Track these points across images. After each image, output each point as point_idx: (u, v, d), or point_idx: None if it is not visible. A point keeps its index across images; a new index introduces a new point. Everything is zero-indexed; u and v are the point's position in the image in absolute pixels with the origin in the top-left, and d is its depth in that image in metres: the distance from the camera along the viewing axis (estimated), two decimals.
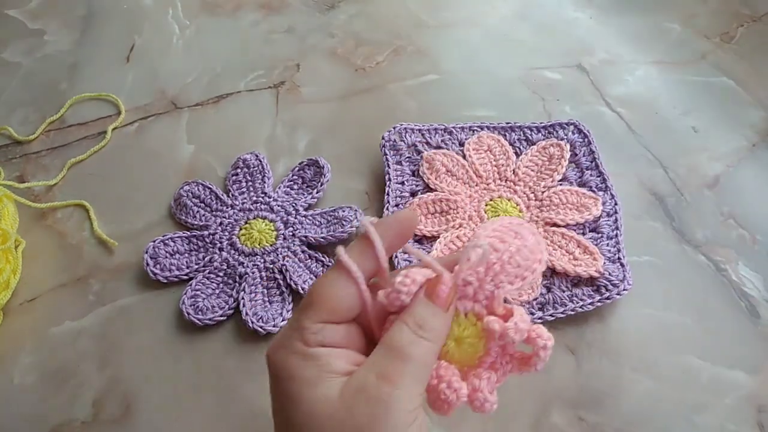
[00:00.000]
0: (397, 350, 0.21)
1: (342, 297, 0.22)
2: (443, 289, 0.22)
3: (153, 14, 0.65)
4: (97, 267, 0.44)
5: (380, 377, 0.21)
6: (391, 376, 0.21)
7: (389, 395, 0.20)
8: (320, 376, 0.21)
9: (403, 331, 0.22)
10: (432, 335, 0.22)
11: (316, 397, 0.21)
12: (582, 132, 0.50)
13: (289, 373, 0.21)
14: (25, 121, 0.54)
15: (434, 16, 0.65)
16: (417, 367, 0.21)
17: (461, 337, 0.23)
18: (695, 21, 0.64)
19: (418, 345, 0.21)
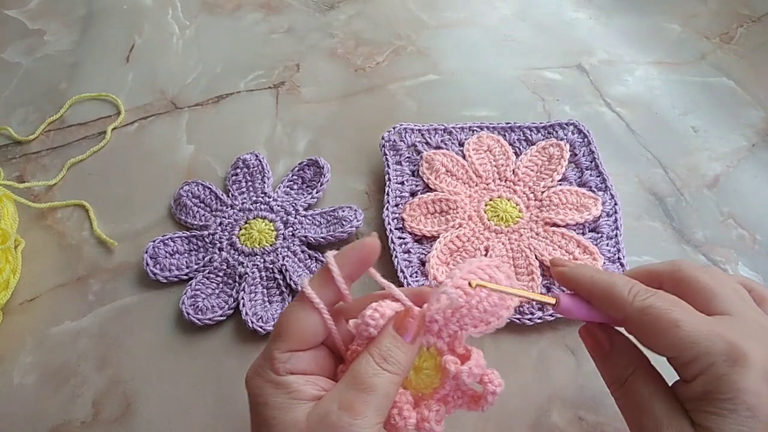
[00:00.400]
0: (361, 381, 0.23)
1: (306, 327, 0.24)
2: (411, 324, 0.24)
3: (153, 14, 0.65)
4: (96, 267, 0.44)
5: (343, 407, 0.22)
6: (353, 407, 0.22)
7: (350, 425, 0.21)
8: (290, 402, 0.23)
9: (368, 363, 0.23)
10: (396, 368, 0.23)
11: (286, 421, 0.22)
12: (582, 132, 0.50)
13: (263, 399, 0.23)
14: (25, 121, 0.54)
15: (434, 16, 0.65)
16: (379, 399, 0.22)
17: (420, 367, 0.25)
18: (695, 21, 0.64)
19: (382, 377, 0.23)
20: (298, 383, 0.23)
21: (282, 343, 0.24)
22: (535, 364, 0.38)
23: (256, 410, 0.24)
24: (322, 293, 0.25)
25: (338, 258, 0.25)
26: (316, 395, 0.23)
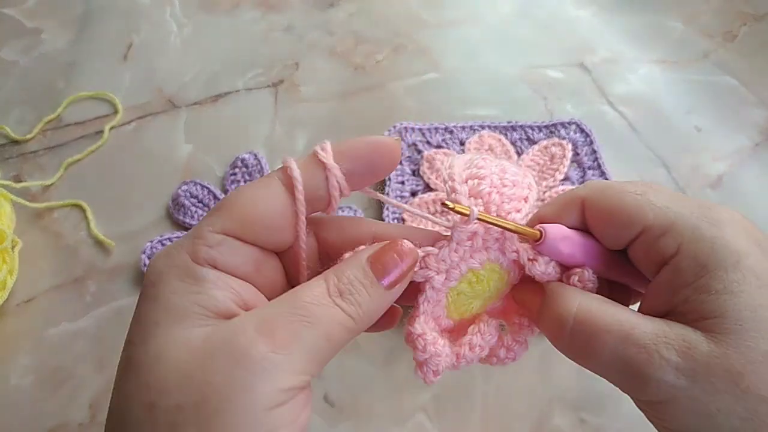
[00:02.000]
0: (300, 306, 0.16)
1: (263, 206, 0.17)
2: (393, 260, 0.17)
3: (151, 12, 0.65)
4: (94, 268, 0.44)
5: (261, 331, 0.15)
6: (276, 334, 0.15)
7: (263, 358, 0.15)
8: (190, 309, 0.16)
9: (318, 288, 0.17)
10: (352, 310, 0.17)
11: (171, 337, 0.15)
12: (584, 131, 0.49)
13: (155, 292, 0.16)
14: (22, 120, 0.54)
15: (435, 14, 0.65)
16: (315, 338, 0.16)
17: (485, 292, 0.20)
18: (698, 20, 0.64)
19: (328, 310, 0.16)
20: (214, 284, 0.16)
21: (218, 219, 0.17)
22: (537, 366, 0.38)
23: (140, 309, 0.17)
24: (308, 181, 0.17)
25: (338, 147, 0.18)
26: (232, 312, 0.16)
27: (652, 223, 0.18)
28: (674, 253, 0.18)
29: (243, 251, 0.17)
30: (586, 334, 0.17)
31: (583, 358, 0.18)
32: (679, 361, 0.16)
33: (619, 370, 0.17)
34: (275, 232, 0.18)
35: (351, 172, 0.18)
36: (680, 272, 0.17)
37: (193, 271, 0.16)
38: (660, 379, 0.16)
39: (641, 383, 0.16)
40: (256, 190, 0.17)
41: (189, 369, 0.15)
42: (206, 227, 0.17)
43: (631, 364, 0.16)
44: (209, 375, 0.15)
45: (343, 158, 0.18)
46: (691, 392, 0.16)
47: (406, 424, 0.36)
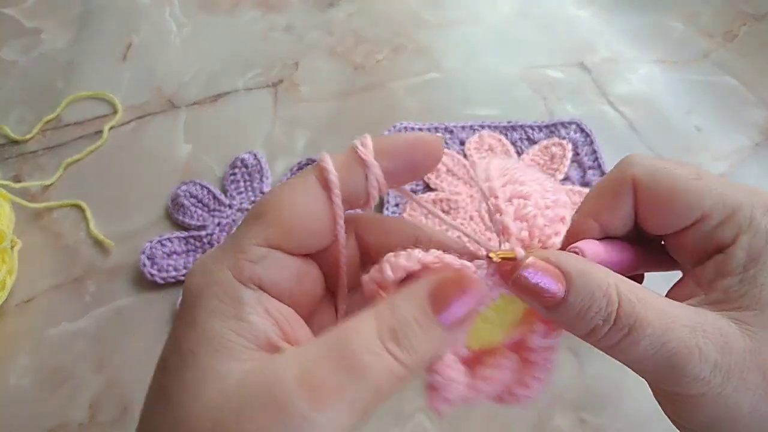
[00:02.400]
0: (347, 355, 0.14)
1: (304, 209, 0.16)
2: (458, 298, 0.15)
3: (150, 12, 0.65)
4: (93, 268, 0.43)
5: (302, 383, 0.14)
6: (318, 389, 0.14)
7: (303, 418, 0.13)
8: (228, 339, 0.14)
9: (368, 332, 0.15)
10: (408, 358, 0.15)
11: (209, 371, 0.14)
12: (584, 131, 0.49)
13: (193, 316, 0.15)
14: (21, 120, 0.54)
15: (435, 13, 0.65)
16: (363, 392, 0.14)
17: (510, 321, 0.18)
18: (697, 20, 0.64)
19: (378, 360, 0.14)
20: (255, 311, 0.15)
21: (261, 228, 0.15)
22: None
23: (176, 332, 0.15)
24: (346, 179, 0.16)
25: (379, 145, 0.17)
26: (274, 344, 0.15)
27: (712, 211, 0.17)
28: (730, 243, 0.17)
29: (287, 264, 0.16)
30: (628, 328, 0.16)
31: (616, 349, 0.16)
32: (717, 357, 0.15)
33: (656, 362, 0.16)
34: (316, 238, 0.16)
35: (391, 170, 0.17)
36: (731, 261, 0.17)
37: (235, 293, 0.15)
38: (697, 375, 0.15)
39: (676, 377, 0.16)
40: (293, 192, 0.16)
41: (223, 416, 0.14)
42: (248, 239, 0.15)
43: (670, 358, 0.15)
44: (244, 425, 0.13)
45: (384, 156, 0.17)
46: (724, 389, 0.15)
47: (406, 424, 0.36)
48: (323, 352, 0.14)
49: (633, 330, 0.16)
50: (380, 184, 0.17)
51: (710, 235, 0.17)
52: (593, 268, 0.17)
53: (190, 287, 0.15)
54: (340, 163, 0.17)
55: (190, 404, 0.14)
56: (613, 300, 0.16)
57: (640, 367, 0.17)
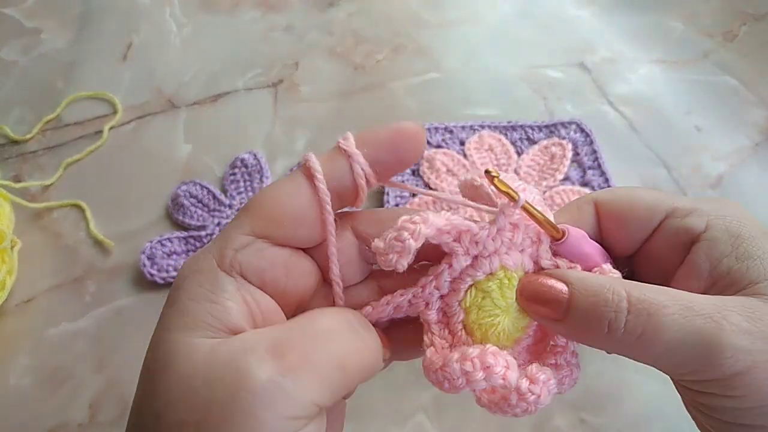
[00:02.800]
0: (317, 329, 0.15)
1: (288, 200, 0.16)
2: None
3: (150, 12, 0.65)
4: (93, 268, 0.43)
5: (272, 352, 0.14)
6: (288, 357, 0.14)
7: (269, 380, 0.14)
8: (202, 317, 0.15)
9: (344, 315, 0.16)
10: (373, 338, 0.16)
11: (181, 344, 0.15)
12: (584, 131, 0.49)
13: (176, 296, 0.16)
14: (22, 120, 0.54)
15: (435, 14, 0.65)
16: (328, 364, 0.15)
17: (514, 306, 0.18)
18: (697, 19, 0.64)
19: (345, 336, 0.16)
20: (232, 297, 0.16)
21: (245, 220, 0.16)
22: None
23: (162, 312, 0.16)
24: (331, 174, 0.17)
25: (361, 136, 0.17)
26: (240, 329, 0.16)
27: (675, 206, 0.18)
28: (704, 229, 0.17)
29: (271, 253, 0.16)
30: (645, 314, 0.15)
31: (641, 344, 0.15)
32: (749, 326, 0.15)
33: (687, 346, 0.15)
34: (302, 228, 0.17)
35: (375, 159, 0.17)
36: (716, 244, 0.17)
37: (215, 278, 0.16)
38: (735, 345, 0.15)
39: (714, 355, 0.15)
40: (280, 186, 0.17)
41: (194, 383, 0.14)
42: (234, 230, 0.16)
43: (701, 336, 0.15)
44: (213, 393, 0.14)
45: (366, 145, 0.17)
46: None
47: (406, 424, 0.36)
48: (294, 329, 0.15)
49: (652, 315, 0.15)
50: (366, 174, 0.17)
51: (681, 226, 0.18)
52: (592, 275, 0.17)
53: (179, 274, 0.17)
54: (324, 158, 0.17)
55: (164, 376, 0.15)
56: (620, 291, 0.16)
57: (673, 358, 0.15)
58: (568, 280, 0.17)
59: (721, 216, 0.17)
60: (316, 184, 0.16)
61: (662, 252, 0.18)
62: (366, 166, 0.17)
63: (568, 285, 0.17)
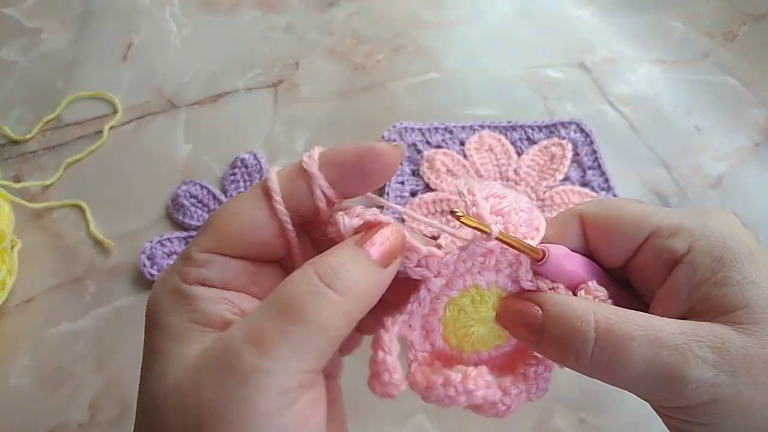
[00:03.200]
0: (287, 302, 0.15)
1: (243, 218, 0.17)
2: (380, 235, 0.16)
3: (150, 12, 0.65)
4: (93, 268, 0.43)
5: (249, 339, 0.15)
6: (264, 340, 0.14)
7: (251, 367, 0.14)
8: (186, 327, 0.16)
9: (304, 277, 0.15)
10: (347, 289, 0.15)
11: (172, 356, 0.15)
12: (584, 131, 0.49)
13: (155, 319, 0.16)
14: (21, 120, 0.54)
15: (435, 14, 0.65)
16: (307, 333, 0.15)
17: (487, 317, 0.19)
18: (697, 19, 0.64)
19: (320, 298, 0.15)
20: (204, 299, 0.16)
21: (204, 239, 0.17)
22: None
23: (146, 338, 0.17)
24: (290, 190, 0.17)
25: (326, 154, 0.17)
26: (227, 321, 0.16)
27: (660, 225, 0.18)
28: (687, 251, 0.17)
29: (232, 266, 0.17)
30: (611, 346, 0.16)
31: (609, 372, 0.16)
32: (715, 358, 0.15)
33: (652, 377, 0.15)
34: (261, 244, 0.17)
35: (338, 179, 0.17)
36: (696, 269, 0.17)
37: (184, 291, 0.16)
38: (699, 378, 0.15)
39: (679, 387, 0.15)
40: (238, 204, 0.17)
41: (185, 388, 0.15)
42: (193, 248, 0.17)
43: (665, 368, 0.15)
44: (203, 392, 0.14)
45: (329, 165, 0.17)
46: (734, 388, 0.15)
47: (406, 423, 0.36)
48: (264, 309, 0.15)
49: (618, 347, 0.16)
50: (327, 195, 0.17)
51: (663, 247, 0.18)
52: (568, 299, 0.17)
53: (151, 299, 0.17)
54: (284, 175, 0.17)
55: (158, 389, 0.15)
56: (589, 320, 0.16)
57: (639, 387, 0.16)
58: (543, 306, 0.17)
59: (705, 236, 0.17)
60: (275, 205, 0.17)
61: (647, 269, 0.18)
62: (327, 187, 0.17)
63: (542, 310, 0.17)
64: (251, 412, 0.14)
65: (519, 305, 0.18)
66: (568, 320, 0.17)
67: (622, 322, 0.16)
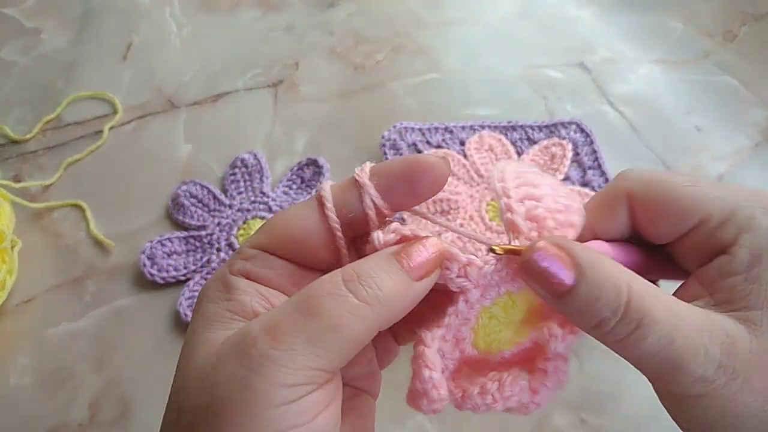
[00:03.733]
0: (307, 299, 0.16)
1: (296, 223, 0.18)
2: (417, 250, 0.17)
3: (150, 12, 0.65)
4: (93, 268, 0.43)
5: (265, 329, 0.15)
6: (278, 330, 0.15)
7: (262, 355, 0.15)
8: (220, 314, 0.17)
9: (330, 278, 0.16)
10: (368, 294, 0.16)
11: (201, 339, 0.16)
12: (584, 131, 0.49)
13: (200, 302, 0.18)
14: (22, 120, 0.54)
15: (435, 13, 0.65)
16: (321, 329, 0.15)
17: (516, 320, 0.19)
18: (697, 19, 0.64)
19: (338, 300, 0.15)
20: (243, 290, 0.17)
21: (256, 236, 0.18)
22: None
23: (193, 316, 0.18)
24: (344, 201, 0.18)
25: (376, 167, 0.18)
26: (258, 313, 0.17)
27: (710, 214, 0.17)
28: (732, 243, 0.17)
29: (276, 264, 0.18)
30: (635, 323, 0.16)
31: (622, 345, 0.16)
32: (722, 358, 0.15)
33: (661, 361, 0.16)
34: (308, 248, 0.18)
35: (387, 190, 0.18)
36: (733, 261, 0.17)
37: (227, 281, 0.17)
38: (701, 375, 0.15)
39: (680, 376, 0.16)
40: (293, 209, 0.18)
41: (205, 371, 0.16)
42: (246, 243, 0.18)
43: (675, 357, 0.15)
44: (218, 376, 0.15)
45: (378, 176, 0.18)
46: (727, 390, 0.15)
47: (406, 424, 0.36)
48: (287, 303, 0.16)
49: (641, 325, 0.16)
50: (377, 204, 0.18)
51: (710, 237, 0.17)
52: (605, 261, 0.17)
53: (203, 287, 0.19)
54: (338, 186, 0.18)
55: (185, 371, 0.16)
56: (623, 292, 0.16)
57: (645, 365, 0.16)
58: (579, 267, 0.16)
59: (752, 229, 0.17)
60: (326, 212, 0.18)
61: (691, 251, 0.18)
62: (377, 197, 0.18)
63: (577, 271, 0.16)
64: (256, 400, 0.14)
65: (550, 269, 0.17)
66: (604, 287, 0.16)
67: (652, 302, 0.16)
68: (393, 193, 0.18)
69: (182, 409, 0.16)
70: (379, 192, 0.18)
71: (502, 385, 0.17)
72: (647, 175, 0.19)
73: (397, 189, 0.18)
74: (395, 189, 0.18)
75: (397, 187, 0.18)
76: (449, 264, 0.17)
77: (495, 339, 0.19)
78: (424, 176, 0.18)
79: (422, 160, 0.18)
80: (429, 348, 0.17)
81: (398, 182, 0.18)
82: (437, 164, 0.18)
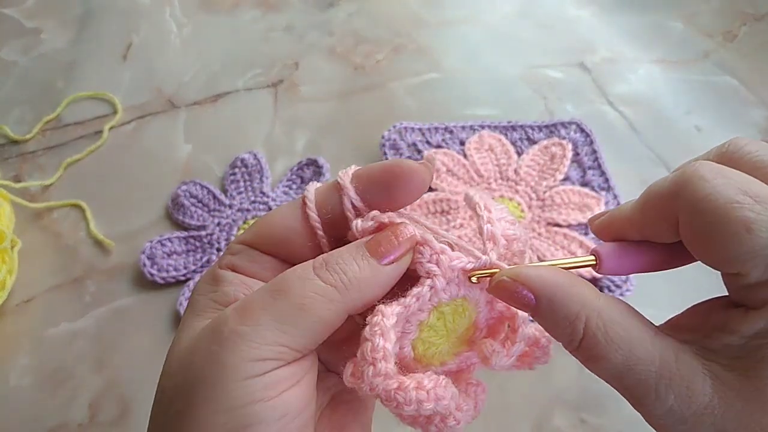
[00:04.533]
0: (278, 283, 0.17)
1: (279, 222, 0.18)
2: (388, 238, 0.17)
3: (150, 12, 0.65)
4: (93, 268, 0.43)
5: (237, 310, 0.16)
6: (248, 309, 0.16)
7: (231, 331, 0.15)
8: (207, 305, 0.18)
9: (302, 265, 0.17)
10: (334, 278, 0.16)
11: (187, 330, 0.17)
12: (584, 131, 0.49)
13: (191, 298, 0.19)
14: (21, 120, 0.54)
15: (435, 14, 0.65)
16: (287, 307, 0.16)
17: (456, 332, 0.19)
18: (697, 19, 0.64)
19: (306, 282, 0.16)
20: (229, 282, 0.18)
21: (245, 233, 0.19)
22: (536, 366, 0.38)
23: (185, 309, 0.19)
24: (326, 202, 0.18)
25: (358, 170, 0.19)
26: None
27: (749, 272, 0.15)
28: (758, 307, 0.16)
29: (262, 259, 0.19)
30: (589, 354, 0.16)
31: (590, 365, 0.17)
32: (674, 405, 0.16)
33: (620, 386, 0.17)
34: (293, 246, 0.19)
35: (368, 194, 0.18)
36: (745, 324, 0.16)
37: (216, 274, 0.19)
38: (651, 412, 0.16)
39: (637, 405, 0.17)
40: (279, 209, 0.19)
41: (185, 352, 0.17)
42: (234, 241, 0.19)
43: (631, 389, 0.16)
44: (194, 356, 0.16)
45: (359, 179, 0.18)
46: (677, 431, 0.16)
47: None
48: (261, 288, 0.17)
49: (593, 361, 0.16)
50: (355, 206, 0.18)
51: (740, 290, 0.16)
52: (568, 294, 0.17)
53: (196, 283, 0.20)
54: (322, 188, 0.19)
55: (170, 354, 0.17)
56: (578, 331, 0.16)
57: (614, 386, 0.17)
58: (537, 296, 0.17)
59: None
60: (307, 212, 0.18)
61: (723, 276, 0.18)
62: (356, 199, 0.18)
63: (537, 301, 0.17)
64: (225, 374, 0.15)
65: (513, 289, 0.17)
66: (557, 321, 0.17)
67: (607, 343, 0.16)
68: (372, 195, 0.18)
69: (164, 389, 0.17)
70: (359, 195, 0.18)
71: (438, 385, 0.17)
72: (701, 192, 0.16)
73: (375, 193, 0.18)
74: (374, 193, 0.18)
75: (375, 192, 0.18)
76: (422, 249, 0.18)
77: (433, 345, 0.19)
78: (402, 183, 0.18)
79: (403, 167, 0.18)
80: (387, 318, 0.17)
81: (377, 187, 0.18)
82: (417, 171, 0.18)
